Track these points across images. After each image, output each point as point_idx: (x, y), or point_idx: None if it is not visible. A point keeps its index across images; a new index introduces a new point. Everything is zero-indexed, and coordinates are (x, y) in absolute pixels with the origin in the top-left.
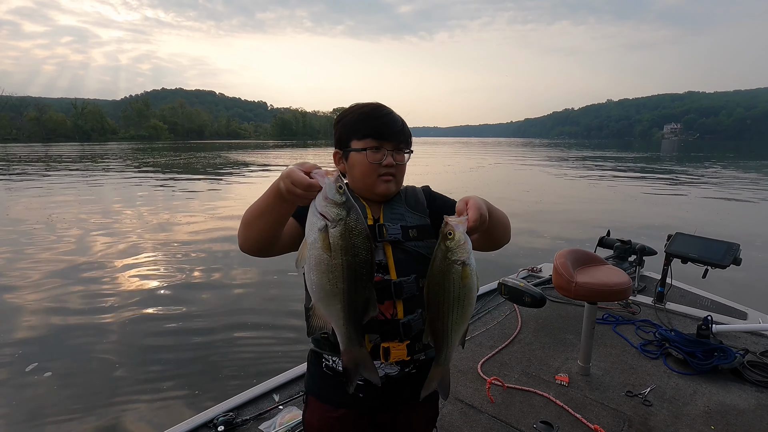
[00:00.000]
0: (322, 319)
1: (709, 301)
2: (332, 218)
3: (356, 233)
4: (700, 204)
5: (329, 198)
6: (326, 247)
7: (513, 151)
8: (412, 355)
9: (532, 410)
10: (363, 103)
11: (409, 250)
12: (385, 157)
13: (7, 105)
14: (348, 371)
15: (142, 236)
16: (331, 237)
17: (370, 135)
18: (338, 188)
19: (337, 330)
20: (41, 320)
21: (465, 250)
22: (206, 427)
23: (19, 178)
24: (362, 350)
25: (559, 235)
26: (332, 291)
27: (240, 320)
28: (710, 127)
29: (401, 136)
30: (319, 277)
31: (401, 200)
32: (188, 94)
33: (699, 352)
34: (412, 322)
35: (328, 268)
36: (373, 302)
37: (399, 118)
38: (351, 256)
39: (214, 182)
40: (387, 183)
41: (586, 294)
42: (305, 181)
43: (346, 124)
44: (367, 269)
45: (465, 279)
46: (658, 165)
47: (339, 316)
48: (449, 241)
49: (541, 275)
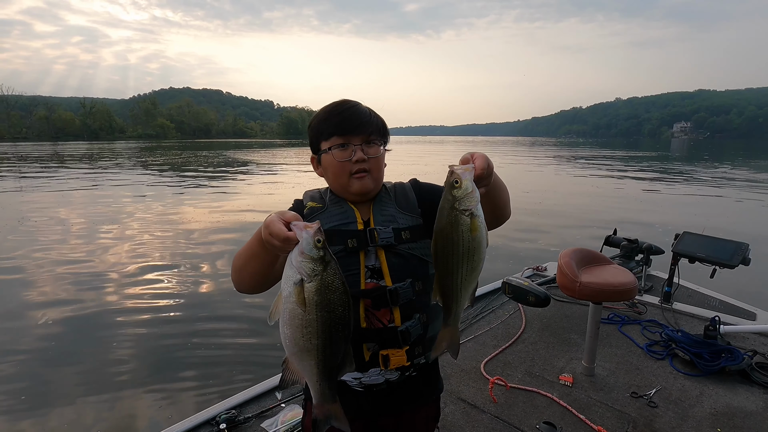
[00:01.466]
0: (296, 374)
1: (717, 301)
2: (307, 273)
3: (332, 289)
4: (708, 203)
5: (305, 253)
6: (301, 301)
7: (518, 150)
8: (412, 360)
9: (535, 411)
10: (329, 103)
11: (402, 254)
12: (354, 153)
13: (17, 104)
14: (318, 423)
15: (150, 234)
16: (306, 292)
17: (334, 132)
18: (316, 242)
19: (311, 385)
20: (48, 316)
21: (473, 198)
22: (209, 424)
23: (34, 175)
24: (335, 405)
25: (565, 233)
26: (306, 347)
27: (244, 318)
28: (721, 126)
29: (368, 127)
30: (293, 332)
31: (391, 200)
32: (196, 93)
33: (706, 353)
34: (410, 329)
35: (302, 323)
36: (350, 359)
37: (365, 110)
38: (326, 312)
39: (222, 181)
40: (361, 180)
41: (590, 294)
42: (282, 233)
43: (314, 127)
44: (342, 326)
45: (474, 231)
46: (667, 164)
47: (312, 372)
48: (456, 190)
49: (546, 274)
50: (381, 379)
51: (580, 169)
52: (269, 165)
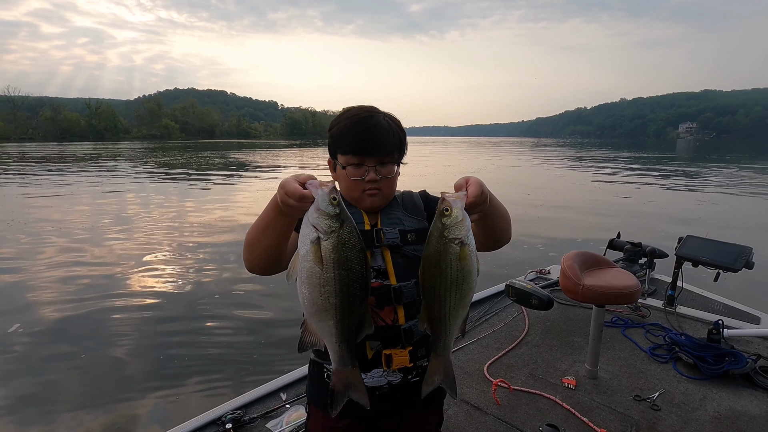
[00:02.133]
0: (315, 336)
1: (720, 304)
2: (324, 230)
3: (349, 246)
4: (712, 206)
5: (321, 209)
6: (318, 260)
7: (521, 150)
8: (414, 362)
9: (538, 413)
10: (353, 111)
11: (408, 255)
12: (367, 173)
13: (23, 105)
14: (335, 394)
15: (156, 234)
16: (323, 249)
17: (350, 151)
18: (332, 199)
19: (330, 347)
20: (52, 314)
21: (463, 227)
22: (215, 424)
23: (38, 175)
24: (354, 371)
25: (568, 236)
26: (324, 306)
27: (248, 319)
28: (727, 126)
29: (385, 148)
30: (311, 291)
31: (398, 205)
32: (200, 94)
33: (709, 357)
34: (413, 328)
35: (320, 281)
36: (368, 320)
37: (385, 127)
38: (344, 270)
39: (226, 180)
40: (372, 197)
41: (593, 297)
42: (298, 191)
43: (334, 135)
44: (360, 284)
45: (463, 260)
46: (671, 166)
47: (331, 332)
48: (446, 218)
49: (550, 277)
50: (383, 381)
51: (582, 170)
52: (271, 167)
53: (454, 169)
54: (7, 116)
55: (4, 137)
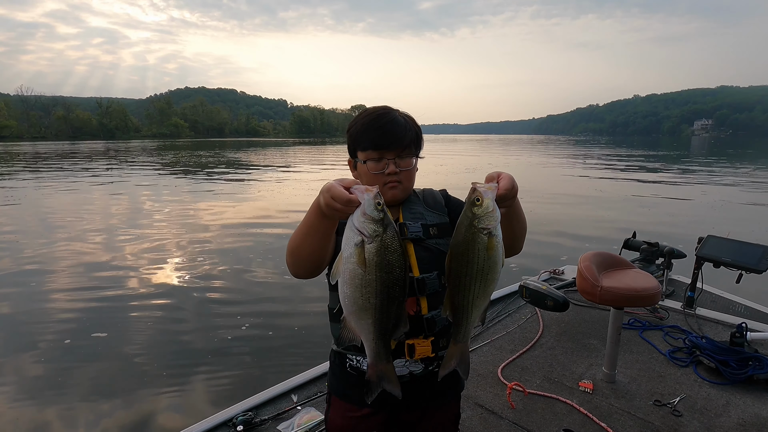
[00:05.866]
0: (353, 332)
1: (742, 307)
2: (369, 234)
3: (391, 250)
4: (732, 206)
5: (367, 214)
6: (361, 262)
7: (532, 148)
8: (436, 352)
9: (554, 417)
10: (370, 110)
11: (430, 248)
12: (387, 166)
13: (36, 104)
14: (371, 384)
15: (170, 232)
16: (366, 252)
17: (370, 146)
18: (377, 204)
19: (366, 344)
20: (68, 310)
21: (493, 218)
22: (226, 426)
23: (52, 173)
24: (388, 365)
25: (582, 236)
26: (364, 306)
27: (262, 318)
28: (744, 123)
29: (403, 141)
30: (353, 291)
31: (419, 200)
32: (210, 93)
33: (732, 361)
34: (436, 318)
35: (362, 282)
36: (404, 320)
37: (401, 124)
38: (385, 273)
39: (239, 177)
40: (393, 189)
41: (611, 299)
42: (344, 196)
43: (352, 135)
44: (399, 287)
45: (490, 250)
46: (686, 164)
47: (369, 330)
48: (476, 208)
49: (564, 278)
50: (405, 371)
51: (593, 168)
52: (281, 167)
53: (445, 168)
54: (20, 116)
55: (18, 136)
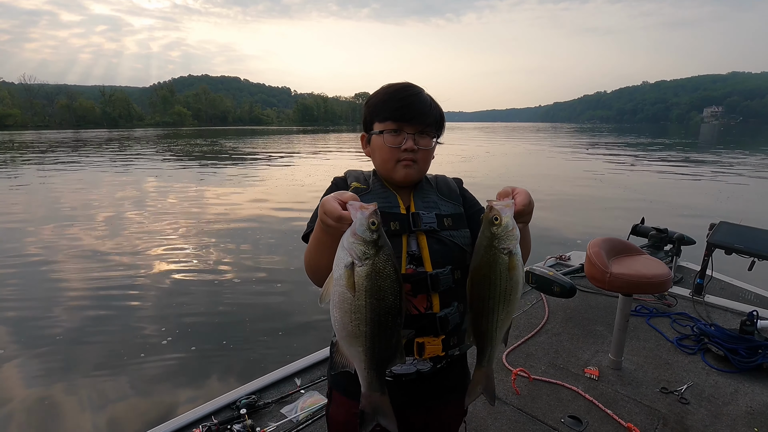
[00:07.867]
0: (345, 359)
1: (753, 294)
2: (358, 256)
3: (384, 276)
4: (742, 192)
5: (357, 234)
6: (350, 286)
7: (537, 136)
8: (446, 351)
9: (559, 404)
10: (393, 83)
11: (444, 240)
12: (405, 141)
13: (39, 93)
14: (365, 416)
15: (177, 219)
16: (356, 276)
17: (390, 117)
18: (370, 224)
19: (359, 372)
20: (79, 296)
21: (513, 237)
22: (229, 408)
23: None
24: (383, 398)
25: (588, 222)
26: (354, 332)
27: (264, 304)
28: (755, 110)
29: (426, 118)
30: (342, 316)
31: (432, 188)
32: (213, 81)
33: (742, 349)
34: (449, 316)
35: (351, 308)
36: (401, 351)
37: (427, 99)
38: (376, 300)
39: (240, 166)
40: (407, 168)
41: (621, 285)
42: (336, 211)
43: (371, 105)
44: (393, 316)
45: (512, 270)
46: (695, 152)
47: (360, 359)
48: (496, 228)
49: (570, 264)
50: (412, 369)
51: (601, 156)
52: (285, 154)
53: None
54: (24, 104)
55: (21, 125)
